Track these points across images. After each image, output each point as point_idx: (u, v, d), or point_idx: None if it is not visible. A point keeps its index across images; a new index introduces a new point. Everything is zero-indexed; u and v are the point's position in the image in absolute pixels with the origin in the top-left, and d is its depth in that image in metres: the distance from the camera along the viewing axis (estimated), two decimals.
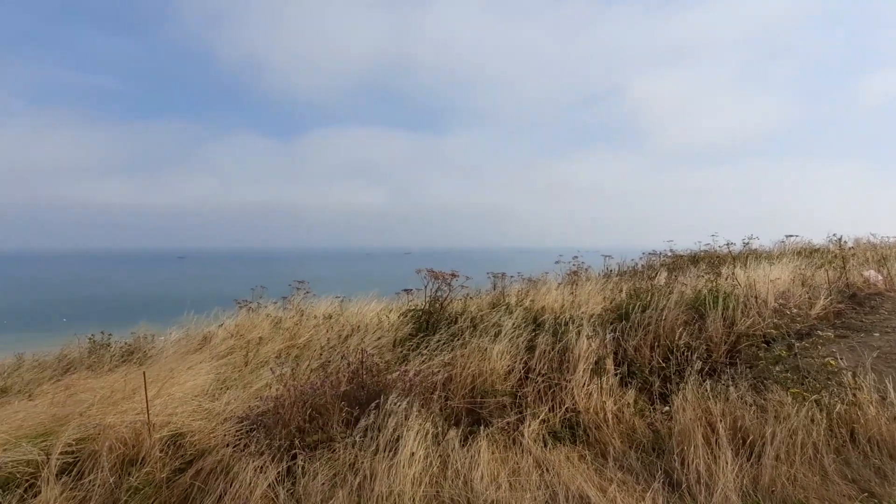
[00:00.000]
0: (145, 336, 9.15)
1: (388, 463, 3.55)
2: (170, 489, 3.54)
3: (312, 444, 3.82)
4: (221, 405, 4.41)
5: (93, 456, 3.81)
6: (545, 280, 10.14)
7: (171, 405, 4.40)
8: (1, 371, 8.28)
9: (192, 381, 5.44)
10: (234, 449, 3.73)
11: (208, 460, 3.65)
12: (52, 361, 8.78)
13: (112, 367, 7.86)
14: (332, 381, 4.26)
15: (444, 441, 3.97)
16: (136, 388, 5.19)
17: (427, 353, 5.18)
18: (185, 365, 6.36)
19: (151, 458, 3.70)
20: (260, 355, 6.88)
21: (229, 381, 5.70)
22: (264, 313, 9.28)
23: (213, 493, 3.47)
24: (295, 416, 3.94)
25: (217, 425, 4.06)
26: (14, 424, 4.53)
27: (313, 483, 3.51)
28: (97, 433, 3.93)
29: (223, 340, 8.23)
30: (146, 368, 6.78)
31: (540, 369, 5.07)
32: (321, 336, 7.20)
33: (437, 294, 7.38)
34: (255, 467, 3.54)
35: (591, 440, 4.46)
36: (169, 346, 8.55)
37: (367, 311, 9.13)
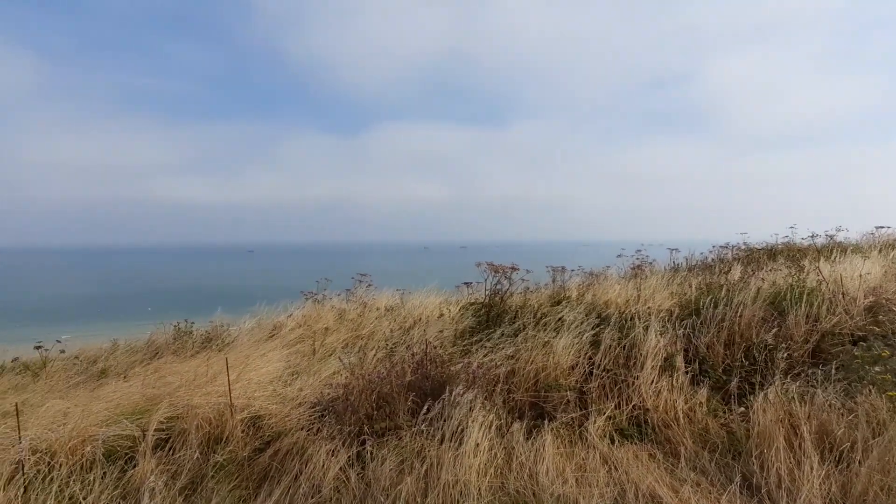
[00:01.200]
0: (222, 324, 9.77)
1: (453, 452, 3.61)
2: (251, 467, 3.79)
3: (380, 430, 3.95)
4: (294, 391, 4.64)
5: (182, 433, 4.14)
6: (606, 274, 9.88)
7: (250, 389, 4.68)
8: (99, 355, 9.11)
9: (265, 367, 5.76)
10: (307, 432, 3.93)
11: (285, 442, 3.87)
12: (142, 346, 9.57)
13: (194, 352, 8.46)
14: (398, 372, 4.37)
15: (508, 434, 3.98)
16: (218, 372, 5.56)
17: (489, 347, 5.20)
18: (258, 352, 6.73)
19: (234, 437, 3.96)
20: (326, 345, 7.16)
21: (299, 369, 5.98)
22: (329, 305, 9.65)
23: (290, 473, 3.67)
24: (363, 403, 4.09)
25: (291, 409, 4.29)
26: (113, 403, 4.99)
27: (382, 468, 3.63)
28: (186, 413, 4.26)
29: (292, 330, 8.63)
30: (224, 355, 7.25)
31: (605, 365, 4.95)
32: (384, 327, 7.40)
33: (496, 288, 7.38)
34: (328, 451, 3.71)
35: (661, 439, 4.32)
36: (243, 335, 9.08)
37: (427, 303, 9.28)
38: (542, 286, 9.21)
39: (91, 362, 8.63)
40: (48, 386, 7.43)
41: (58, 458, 3.84)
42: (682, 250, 11.30)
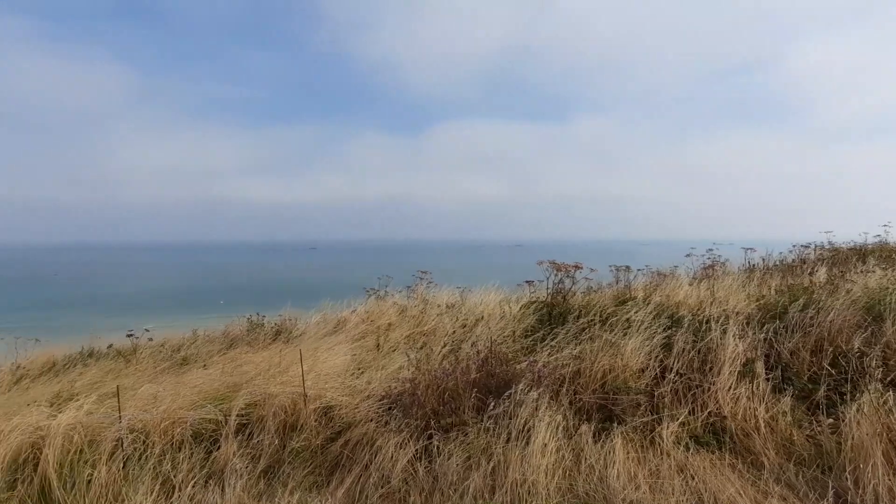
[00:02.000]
0: (290, 318, 10.23)
1: (520, 451, 3.59)
2: (323, 455, 3.95)
3: (446, 426, 4.00)
4: (363, 383, 4.79)
5: (260, 420, 4.38)
6: (675, 275, 9.47)
7: (320, 381, 4.88)
8: (182, 343, 9.80)
9: (333, 360, 5.98)
10: (376, 424, 4.04)
11: (355, 432, 4.00)
12: (219, 337, 10.19)
13: (265, 344, 8.92)
14: (463, 368, 4.40)
15: (576, 435, 3.91)
16: (290, 364, 5.83)
17: (555, 346, 5.12)
18: (325, 346, 6.99)
19: (308, 426, 4.15)
20: (390, 340, 7.32)
21: (365, 363, 6.16)
22: (391, 301, 9.86)
23: (360, 463, 3.79)
24: (429, 398, 4.15)
25: (360, 401, 4.43)
26: (197, 389, 5.35)
27: (448, 463, 3.68)
28: (263, 401, 4.50)
29: (356, 325, 8.89)
30: (293, 347, 7.60)
31: (678, 369, 4.75)
32: (446, 324, 7.47)
33: (559, 286, 7.26)
34: (396, 443, 3.80)
35: (740, 449, 4.09)
36: (310, 328, 9.46)
37: (487, 301, 9.27)
38: (604, 286, 8.96)
39: (175, 350, 9.30)
40: (138, 371, 8.09)
41: (151, 437, 4.17)
42: (757, 250, 10.64)
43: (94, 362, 9.07)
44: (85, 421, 4.14)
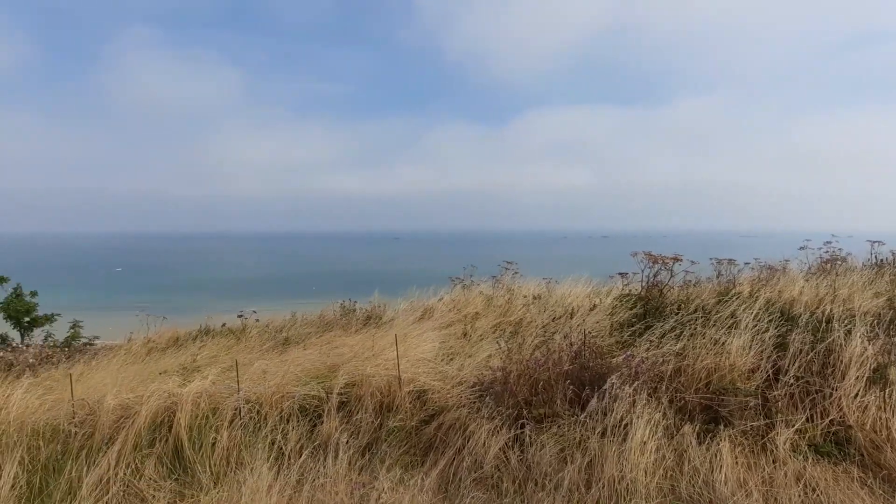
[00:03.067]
0: (379, 305, 10.65)
1: (617, 447, 3.49)
2: (417, 436, 4.09)
3: (539, 416, 3.98)
4: (454, 370, 4.89)
5: (358, 399, 4.62)
6: (786, 269, 8.65)
7: (412, 365, 5.04)
8: (283, 325, 10.58)
9: (422, 346, 6.14)
10: (468, 410, 4.12)
11: (448, 417, 4.10)
12: (315, 320, 10.86)
13: (357, 328, 9.37)
14: (555, 360, 4.34)
15: (677, 435, 3.73)
16: (383, 348, 6.08)
17: (654, 341, 4.89)
18: (414, 332, 7.20)
19: (403, 407, 4.32)
20: (477, 329, 7.39)
21: (453, 350, 6.27)
22: (477, 290, 9.93)
23: (453, 446, 3.88)
24: (521, 388, 4.15)
25: (452, 387, 4.53)
26: (299, 367, 5.75)
27: (541, 453, 3.66)
28: (361, 381, 4.75)
29: (443, 313, 9.06)
30: (383, 333, 7.91)
31: (794, 371, 4.35)
32: (533, 315, 7.40)
33: (655, 279, 6.91)
34: (488, 430, 3.85)
35: (868, 462, 3.68)
36: (399, 315, 9.79)
37: (575, 293, 9.05)
38: (703, 280, 8.40)
39: (278, 331, 10.06)
40: (248, 347, 8.85)
41: (264, 408, 4.56)
42: (886, 243, 9.42)
43: (210, 339, 10.06)
44: (209, 390, 4.61)
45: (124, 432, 4.15)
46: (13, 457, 3.99)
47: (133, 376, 6.33)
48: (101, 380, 6.08)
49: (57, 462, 4.03)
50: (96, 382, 5.85)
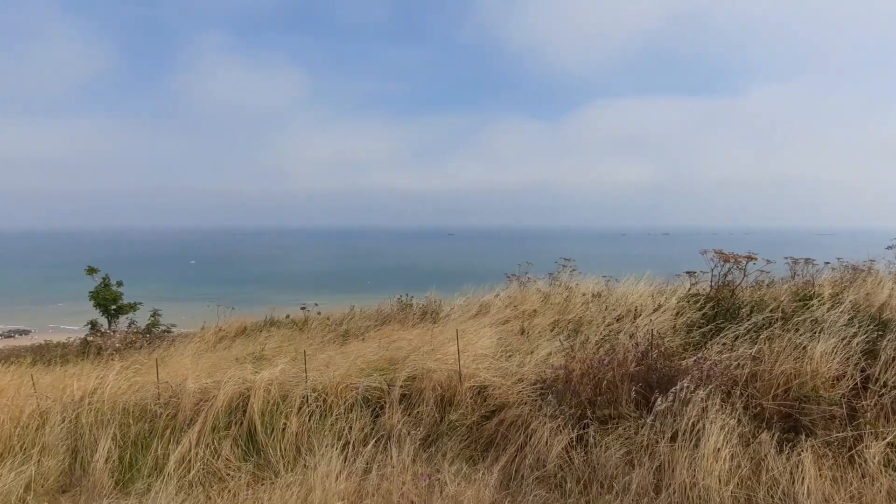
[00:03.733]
0: (435, 300, 10.75)
1: (688, 453, 3.35)
2: (478, 431, 4.11)
3: (603, 417, 3.89)
4: (514, 366, 4.86)
5: (419, 392, 4.69)
6: (871, 269, 7.99)
7: (472, 361, 5.05)
8: (342, 318, 10.91)
9: (480, 342, 6.15)
10: (530, 408, 4.09)
11: (509, 414, 4.09)
12: (373, 313, 11.12)
13: (414, 322, 9.51)
14: (620, 360, 4.23)
15: (754, 443, 3.53)
16: (440, 342, 6.14)
17: (727, 343, 4.65)
18: (471, 328, 7.22)
19: (463, 402, 4.35)
20: (535, 326, 7.31)
21: (511, 347, 6.23)
22: (534, 287, 9.82)
23: (514, 443, 3.87)
24: (585, 387, 4.07)
25: (512, 384, 4.50)
26: (361, 359, 5.91)
27: (606, 455, 3.58)
28: (421, 375, 4.82)
29: (499, 310, 9.03)
30: (441, 328, 7.99)
31: (886, 380, 4.01)
32: (593, 313, 7.23)
33: (726, 279, 6.56)
34: (551, 429, 3.80)
35: None
36: (455, 311, 9.84)
37: (636, 292, 8.75)
38: (777, 280, 7.90)
39: (338, 323, 10.38)
40: (310, 339, 9.20)
41: (329, 397, 4.72)
42: None
43: (275, 330, 10.55)
44: (279, 378, 4.84)
45: (203, 414, 4.43)
46: (107, 432, 4.36)
47: (207, 363, 6.74)
48: (180, 364, 6.52)
49: (145, 440, 4.37)
50: (176, 367, 6.27)
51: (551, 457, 3.64)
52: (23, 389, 5.10)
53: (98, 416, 4.53)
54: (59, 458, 4.29)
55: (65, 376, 5.57)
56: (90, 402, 4.70)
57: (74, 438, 4.42)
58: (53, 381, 5.53)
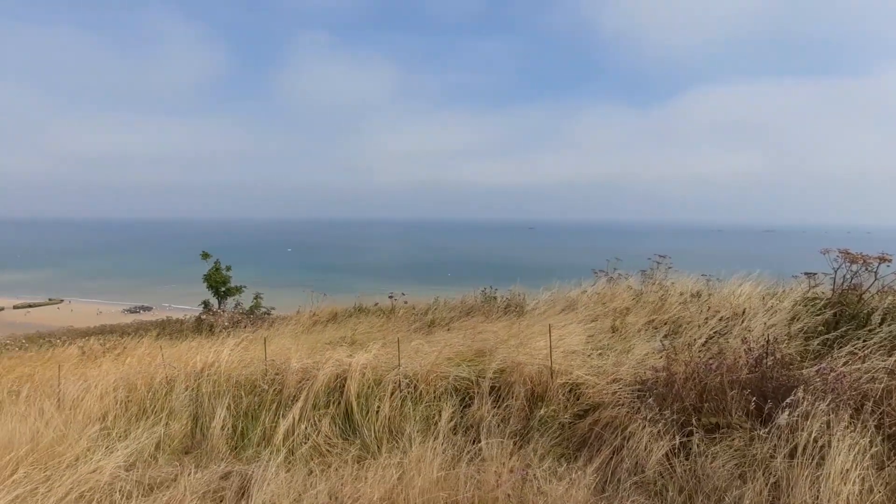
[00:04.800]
0: (519, 294, 10.63)
1: (810, 472, 3.04)
2: (571, 430, 4.01)
3: (709, 426, 3.64)
4: (609, 365, 4.69)
5: (508, 385, 4.67)
6: None
7: (563, 357, 4.94)
8: (427, 308, 11.14)
9: (569, 338, 5.99)
10: (627, 410, 3.92)
11: (604, 414, 3.95)
12: (457, 304, 11.24)
13: (498, 316, 9.49)
14: (729, 365, 3.92)
15: (889, 466, 3.13)
16: (528, 336, 6.07)
17: (856, 353, 4.16)
18: (559, 323, 7.06)
19: (555, 399, 4.26)
20: (627, 324, 7.00)
21: (601, 345, 6.02)
22: (625, 284, 9.40)
23: (610, 445, 3.73)
24: (689, 392, 3.82)
25: (607, 384, 4.34)
26: (448, 348, 5.99)
27: (712, 466, 3.34)
28: (511, 368, 4.79)
29: (587, 306, 8.75)
30: (528, 322, 7.89)
31: None
32: (692, 314, 6.78)
33: (852, 282, 5.86)
34: (650, 433, 3.62)
35: None
36: (539, 306, 9.69)
37: (742, 293, 8.10)
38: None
39: (423, 313, 10.62)
40: (396, 326, 9.49)
41: (420, 384, 4.84)
42: None
43: (364, 316, 11.01)
44: (372, 363, 5.04)
45: (305, 392, 4.72)
46: (223, 402, 4.79)
47: (305, 344, 7.18)
48: (280, 344, 7.00)
49: (254, 412, 4.75)
50: (277, 346, 6.75)
51: (651, 462, 3.46)
52: (154, 359, 5.75)
53: (215, 387, 4.99)
54: (183, 422, 4.78)
55: (186, 349, 6.19)
56: (208, 374, 5.19)
57: (195, 405, 4.90)
58: (177, 353, 6.17)
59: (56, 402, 4.79)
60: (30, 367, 6.83)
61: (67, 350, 8.63)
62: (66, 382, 5.42)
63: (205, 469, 3.84)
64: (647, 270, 9.83)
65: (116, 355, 7.00)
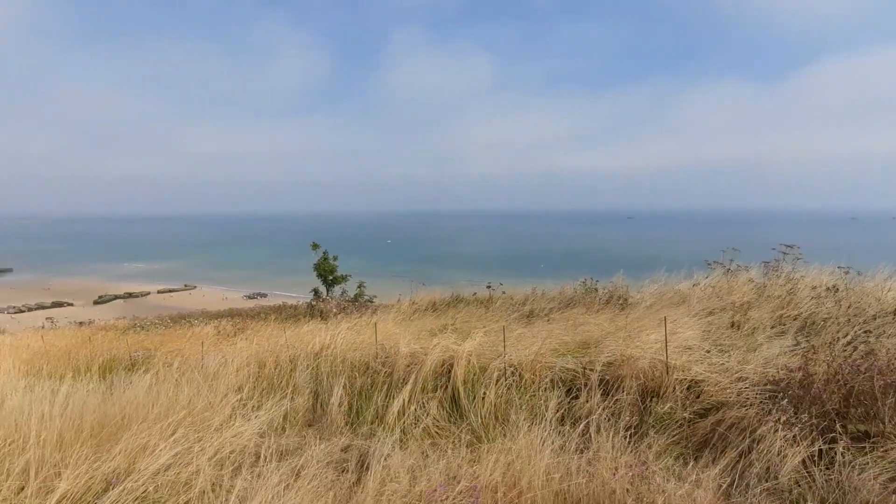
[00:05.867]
0: (621, 286, 10.19)
1: None
2: (690, 429, 3.79)
3: (857, 434, 3.25)
4: (733, 363, 4.35)
5: (618, 379, 4.51)
6: None
7: (679, 353, 4.66)
8: (525, 299, 11.07)
9: (682, 332, 5.63)
10: (756, 411, 3.61)
11: (729, 414, 3.68)
12: (555, 295, 11.04)
13: (599, 308, 9.17)
14: (881, 367, 3.46)
15: None
16: (637, 329, 5.80)
17: None
18: (669, 317, 6.66)
19: (671, 395, 4.05)
20: (749, 320, 6.44)
21: (720, 341, 5.59)
22: (744, 277, 8.64)
23: (735, 447, 3.47)
24: (831, 395, 3.43)
25: (731, 382, 4.03)
26: (551, 338, 5.90)
27: (861, 478, 2.98)
28: (620, 361, 4.62)
29: (699, 300, 8.17)
30: (630, 314, 7.54)
31: None
32: (829, 310, 6.06)
33: None
34: (785, 437, 3.31)
35: None
36: (646, 298, 9.20)
37: (890, 288, 7.11)
38: None
39: (521, 303, 10.57)
40: (494, 316, 9.54)
41: (525, 373, 4.84)
42: None
43: (462, 306, 11.22)
44: (476, 350, 5.12)
45: (414, 375, 4.93)
46: (339, 381, 5.15)
47: (408, 330, 7.47)
48: (387, 330, 7.35)
49: (367, 391, 5.05)
50: (384, 332, 7.09)
51: (785, 469, 3.17)
52: (277, 340, 6.33)
53: (332, 366, 5.37)
54: (305, 397, 5.21)
55: (305, 332, 6.73)
56: (325, 354, 5.60)
57: (315, 383, 5.32)
58: (296, 335, 6.73)
59: (203, 374, 5.44)
60: (178, 343, 7.82)
61: (204, 329, 9.75)
62: (207, 357, 6.14)
63: (327, 441, 4.16)
64: (770, 262, 8.97)
65: (246, 336, 7.79)
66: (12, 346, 10.24)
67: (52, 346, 9.29)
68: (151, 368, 6.40)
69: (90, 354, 7.55)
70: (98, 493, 3.21)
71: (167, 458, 3.45)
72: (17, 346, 9.96)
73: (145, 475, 3.29)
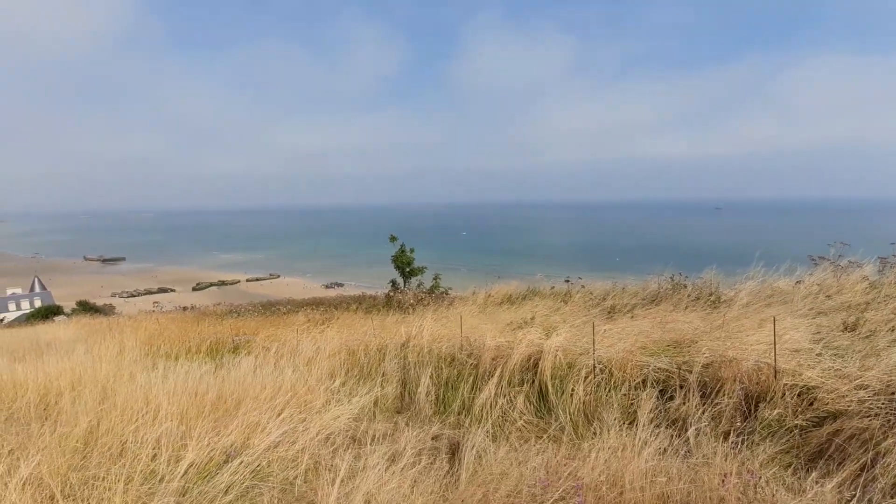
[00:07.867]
0: (712, 282, 9.59)
1: None
2: (802, 438, 3.54)
3: None
4: (853, 368, 3.99)
5: (717, 381, 4.29)
6: None
7: (787, 357, 4.35)
8: (605, 293, 10.74)
9: (787, 334, 5.24)
10: (881, 422, 3.30)
11: (848, 425, 3.39)
12: (637, 290, 10.61)
13: (687, 305, 8.71)
14: None
15: None
16: (736, 329, 5.48)
17: None
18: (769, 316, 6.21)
19: (780, 402, 3.79)
20: (867, 321, 5.86)
21: (834, 345, 5.14)
22: (857, 274, 7.87)
23: (855, 460, 3.20)
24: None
25: (850, 390, 3.71)
26: (640, 336, 5.71)
27: None
28: (719, 363, 4.39)
29: (805, 299, 7.57)
30: (732, 313, 7.09)
31: None
32: None
33: None
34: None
35: None
36: (741, 296, 8.62)
37: None
38: None
39: (601, 298, 10.27)
40: (573, 311, 9.35)
41: (615, 371, 4.73)
42: None
43: (539, 299, 11.09)
44: (563, 346, 5.07)
45: (500, 369, 4.97)
46: (426, 371, 5.30)
47: (488, 324, 7.52)
48: (470, 323, 7.44)
49: (454, 382, 5.16)
50: (467, 324, 7.19)
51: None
52: (364, 329, 6.62)
53: (419, 357, 5.54)
54: (394, 385, 5.42)
55: (391, 322, 6.98)
56: (412, 345, 5.79)
57: (403, 372, 5.52)
58: (382, 325, 7.00)
59: (300, 359, 5.82)
60: (273, 329, 8.39)
61: (294, 317, 10.37)
62: (301, 343, 6.55)
63: (417, 429, 4.32)
64: (887, 258, 8.13)
65: (333, 325, 8.21)
66: (132, 328, 11.48)
67: (166, 328, 10.31)
68: (252, 352, 6.93)
69: (199, 337, 8.30)
70: (219, 464, 3.55)
71: (276, 436, 3.74)
72: (136, 328, 11.15)
73: (258, 450, 3.59)
